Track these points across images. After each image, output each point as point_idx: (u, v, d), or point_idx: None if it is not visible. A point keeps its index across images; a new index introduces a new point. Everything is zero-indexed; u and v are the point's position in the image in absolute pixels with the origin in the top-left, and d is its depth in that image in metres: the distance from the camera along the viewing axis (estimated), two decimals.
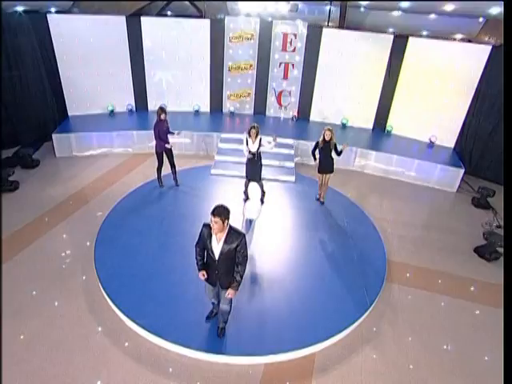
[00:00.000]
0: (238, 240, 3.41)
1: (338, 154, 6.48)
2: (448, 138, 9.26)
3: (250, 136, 6.34)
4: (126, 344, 4.11)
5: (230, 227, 3.42)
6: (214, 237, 3.43)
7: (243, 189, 6.87)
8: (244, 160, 7.96)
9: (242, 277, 3.58)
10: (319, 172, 6.75)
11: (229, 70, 10.01)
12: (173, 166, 7.04)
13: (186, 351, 3.99)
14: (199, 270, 3.69)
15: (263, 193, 6.92)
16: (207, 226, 3.45)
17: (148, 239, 5.62)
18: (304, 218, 6.60)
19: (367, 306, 4.66)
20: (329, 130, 6.32)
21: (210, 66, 9.87)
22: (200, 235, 3.55)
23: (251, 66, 10.02)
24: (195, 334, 4.11)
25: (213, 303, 4.24)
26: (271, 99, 10.37)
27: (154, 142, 6.76)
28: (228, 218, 3.31)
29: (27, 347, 4.02)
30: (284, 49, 9.78)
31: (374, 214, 6.93)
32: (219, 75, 10.01)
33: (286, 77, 10.11)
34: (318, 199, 7.10)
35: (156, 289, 4.69)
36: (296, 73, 10.02)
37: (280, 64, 9.96)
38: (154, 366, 3.90)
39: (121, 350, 4.04)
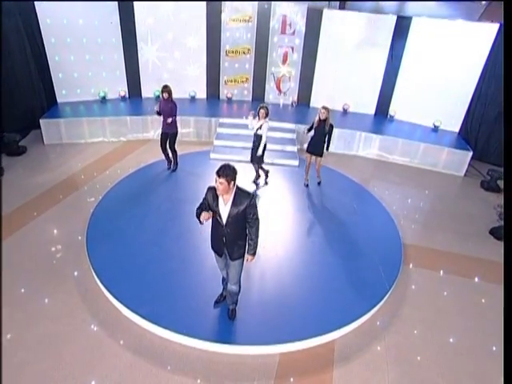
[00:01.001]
0: (247, 200, 3.08)
1: (328, 141, 6.10)
2: (452, 122, 8.98)
3: (258, 116, 5.95)
4: (124, 336, 3.69)
5: (238, 188, 3.11)
6: (220, 199, 3.11)
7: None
8: (243, 144, 7.71)
9: (257, 241, 3.29)
10: (307, 151, 6.34)
11: (226, 55, 9.59)
12: (172, 150, 6.65)
13: (191, 341, 3.58)
14: (198, 216, 3.15)
15: (257, 176, 6.55)
16: (212, 189, 3.14)
17: (144, 224, 5.19)
18: (311, 201, 6.22)
19: (387, 289, 4.29)
20: (324, 108, 5.93)
21: (207, 50, 9.43)
22: (204, 199, 3.24)
23: (249, 50, 9.61)
24: (201, 323, 3.70)
25: (223, 280, 3.86)
26: (270, 85, 9.98)
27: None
28: (234, 179, 3.02)
29: (12, 341, 3.57)
30: (283, 31, 9.39)
31: (382, 198, 6.59)
32: (216, 60, 9.58)
33: (285, 61, 9.73)
34: (306, 184, 6.65)
35: (155, 275, 4.26)
36: (296, 57, 9.63)
37: (279, 48, 9.57)
38: (155, 359, 3.48)
39: (117, 343, 3.62)
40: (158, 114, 6.33)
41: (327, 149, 6.18)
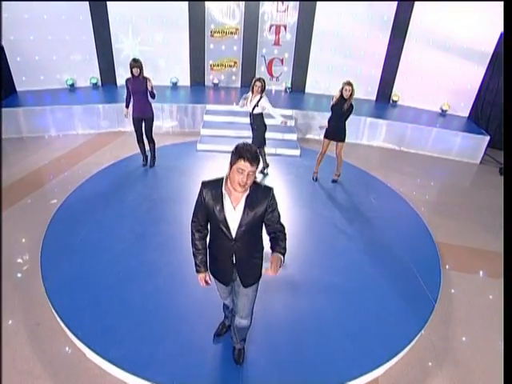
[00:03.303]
0: (267, 198, 2.07)
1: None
2: (461, 105, 8.22)
3: (252, 91, 4.95)
4: None
5: (253, 181, 2.04)
6: (226, 200, 2.05)
7: None
8: (234, 133, 6.71)
9: (285, 248, 2.15)
10: (326, 137, 5.34)
11: (211, 35, 8.54)
12: (150, 140, 5.56)
13: None
14: (198, 270, 2.34)
15: (265, 165, 5.62)
16: (210, 185, 2.08)
17: (119, 231, 4.13)
18: (323, 196, 5.27)
19: (433, 304, 3.39)
20: (349, 84, 4.99)
21: (189, 31, 8.35)
22: (199, 203, 2.15)
23: (237, 30, 8.59)
24: (197, 368, 2.68)
25: (225, 307, 2.84)
26: (261, 69, 9.00)
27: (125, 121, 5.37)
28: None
29: None
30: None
31: (398, 190, 5.72)
32: (200, 41, 8.51)
33: (277, 42, 8.76)
34: (315, 178, 5.64)
35: (133, 300, 3.22)
36: (289, 37, 8.68)
37: (270, 27, 8.59)
38: None
39: None
40: (128, 103, 5.34)
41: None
